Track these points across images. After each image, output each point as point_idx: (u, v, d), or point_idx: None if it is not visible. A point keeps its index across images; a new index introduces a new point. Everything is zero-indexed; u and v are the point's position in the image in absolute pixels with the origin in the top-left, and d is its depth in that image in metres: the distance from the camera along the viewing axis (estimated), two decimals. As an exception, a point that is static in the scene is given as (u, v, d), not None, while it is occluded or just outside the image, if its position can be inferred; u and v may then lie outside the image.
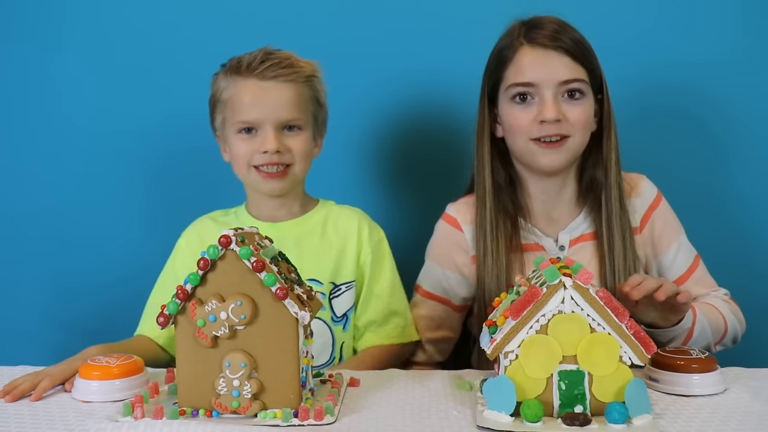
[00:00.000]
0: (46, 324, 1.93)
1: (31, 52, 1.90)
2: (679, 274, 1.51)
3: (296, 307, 1.02)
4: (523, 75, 1.40)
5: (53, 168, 1.92)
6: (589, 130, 1.44)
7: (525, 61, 1.41)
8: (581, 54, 1.40)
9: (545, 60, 1.39)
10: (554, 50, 1.39)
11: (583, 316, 1.01)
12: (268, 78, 1.43)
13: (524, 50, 1.41)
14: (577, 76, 1.39)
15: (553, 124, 1.39)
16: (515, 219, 1.49)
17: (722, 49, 1.83)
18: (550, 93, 1.39)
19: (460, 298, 1.54)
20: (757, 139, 1.86)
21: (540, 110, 1.39)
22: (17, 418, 1.07)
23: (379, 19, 1.86)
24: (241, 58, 1.46)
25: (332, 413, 1.04)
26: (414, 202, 1.91)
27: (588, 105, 1.42)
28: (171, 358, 1.47)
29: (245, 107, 1.43)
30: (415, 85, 1.87)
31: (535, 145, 1.42)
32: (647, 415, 1.00)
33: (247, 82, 1.43)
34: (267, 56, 1.44)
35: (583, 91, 1.40)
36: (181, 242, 1.56)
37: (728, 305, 1.50)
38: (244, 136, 1.45)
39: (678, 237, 1.52)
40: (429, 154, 1.89)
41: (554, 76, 1.39)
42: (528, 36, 1.41)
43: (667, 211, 1.53)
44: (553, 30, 1.40)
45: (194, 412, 1.05)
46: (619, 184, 1.45)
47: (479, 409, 1.04)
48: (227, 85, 1.46)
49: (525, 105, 1.41)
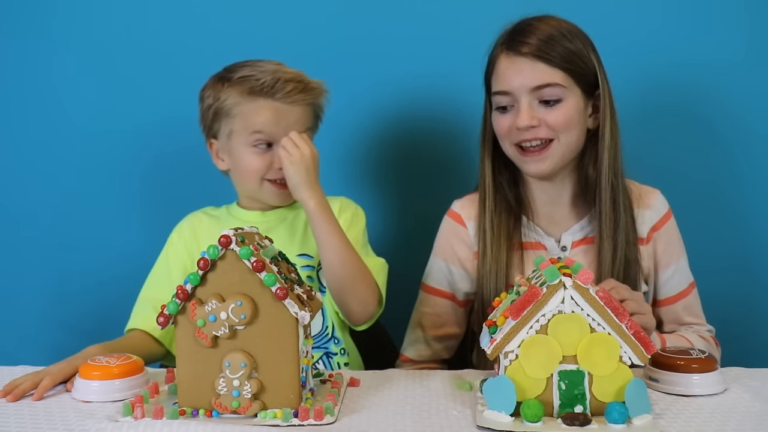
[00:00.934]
0: (45, 324, 1.94)
1: (28, 52, 1.90)
2: (670, 295, 1.52)
3: (296, 307, 1.02)
4: (500, 83, 1.43)
5: (52, 168, 1.92)
6: (576, 130, 1.43)
7: (501, 69, 1.42)
8: (560, 58, 1.39)
9: (517, 67, 1.40)
10: (524, 57, 1.39)
11: (583, 316, 1.01)
12: (288, 102, 1.47)
13: (501, 58, 1.43)
14: (549, 80, 1.39)
15: (528, 130, 1.40)
16: (518, 217, 1.50)
17: (727, 49, 1.83)
18: (525, 100, 1.40)
19: (462, 293, 1.55)
20: (763, 139, 1.86)
21: (514, 119, 1.41)
22: (17, 418, 1.07)
23: (377, 22, 1.87)
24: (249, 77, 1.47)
25: (332, 413, 1.04)
26: (411, 203, 1.92)
27: (568, 107, 1.41)
28: (166, 352, 1.48)
29: (266, 124, 1.46)
30: (414, 87, 1.88)
31: (519, 153, 1.44)
32: (647, 415, 1.00)
33: (267, 103, 1.46)
34: (287, 81, 1.47)
35: (559, 96, 1.40)
36: (173, 236, 1.58)
37: (705, 342, 1.49)
38: (259, 151, 1.48)
39: (678, 259, 1.53)
40: (425, 156, 1.90)
41: (526, 82, 1.39)
42: (507, 43, 1.42)
43: (673, 230, 1.53)
44: (531, 36, 1.39)
45: (194, 412, 1.05)
46: (613, 185, 1.44)
47: (479, 409, 1.04)
48: (241, 100, 1.47)
49: (506, 112, 1.43)
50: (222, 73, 1.52)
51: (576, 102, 1.42)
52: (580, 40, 1.42)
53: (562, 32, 1.41)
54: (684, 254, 1.54)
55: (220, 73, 1.52)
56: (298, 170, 1.42)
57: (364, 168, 1.92)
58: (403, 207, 1.93)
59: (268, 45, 1.85)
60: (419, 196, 1.91)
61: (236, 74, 1.49)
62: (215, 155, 1.55)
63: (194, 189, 1.88)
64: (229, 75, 1.50)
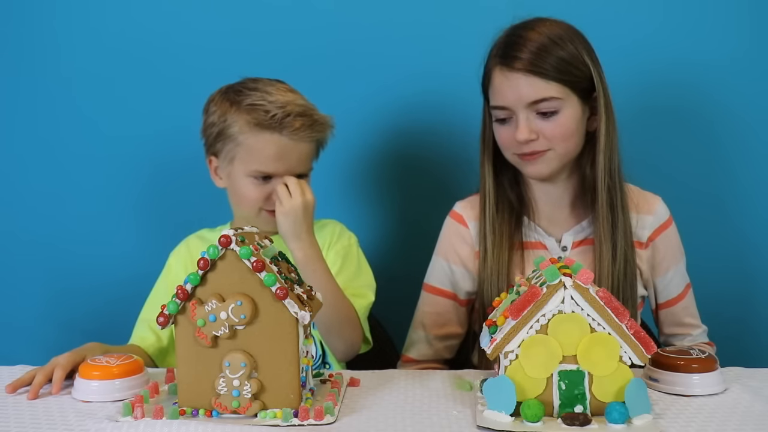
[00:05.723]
0: (45, 324, 1.94)
1: (28, 52, 1.90)
2: (669, 298, 1.55)
3: (296, 307, 1.02)
4: (497, 98, 1.43)
5: (52, 168, 1.92)
6: (574, 138, 1.43)
7: (497, 84, 1.42)
8: (555, 71, 1.38)
9: (513, 83, 1.40)
10: (521, 73, 1.38)
11: (583, 316, 1.01)
12: (294, 139, 1.46)
13: (496, 72, 1.42)
14: (546, 95, 1.39)
15: (527, 143, 1.41)
16: (519, 217, 1.50)
17: (725, 49, 1.83)
18: (523, 114, 1.40)
19: (464, 292, 1.55)
20: (759, 139, 1.86)
21: (514, 131, 1.41)
22: (17, 418, 1.07)
23: (378, 25, 1.87)
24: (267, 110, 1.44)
25: (332, 413, 1.04)
26: (412, 205, 1.92)
27: (566, 117, 1.41)
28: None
29: (269, 160, 1.45)
30: (413, 92, 1.88)
31: (519, 159, 1.45)
32: (647, 415, 1.00)
33: (273, 138, 1.45)
34: (297, 116, 1.45)
35: (556, 108, 1.40)
36: (171, 260, 1.58)
37: None
38: (258, 182, 1.48)
39: (677, 263, 1.54)
40: (426, 158, 1.90)
41: (523, 98, 1.39)
42: (500, 56, 1.42)
43: (674, 236, 1.54)
44: (525, 51, 1.38)
45: (194, 412, 1.05)
46: (609, 187, 1.44)
47: (479, 409, 1.04)
48: (247, 129, 1.45)
49: (506, 123, 1.44)
50: (232, 94, 1.49)
51: (573, 111, 1.42)
52: (574, 44, 1.41)
53: (554, 40, 1.39)
54: (683, 258, 1.56)
55: (230, 92, 1.49)
56: (286, 221, 1.41)
57: (365, 170, 1.92)
58: (403, 209, 1.93)
59: (269, 47, 1.86)
60: (420, 197, 1.91)
61: (246, 99, 1.46)
62: (213, 172, 1.54)
63: (194, 191, 1.88)
64: (238, 98, 1.47)
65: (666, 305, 1.55)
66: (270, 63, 1.77)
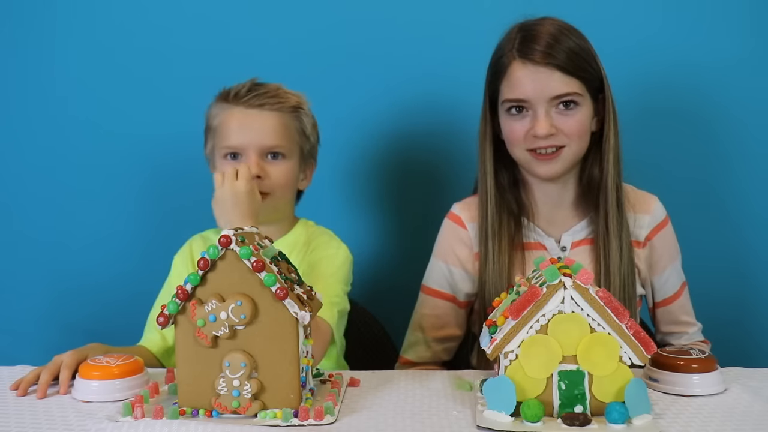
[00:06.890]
0: (45, 324, 1.94)
1: (29, 52, 1.90)
2: (666, 296, 1.55)
3: (296, 307, 1.02)
4: (516, 91, 1.41)
5: (52, 168, 1.92)
6: (587, 137, 1.45)
7: (517, 77, 1.40)
8: (575, 66, 1.39)
9: (536, 77, 1.39)
10: (545, 66, 1.38)
11: (583, 316, 1.01)
12: (254, 106, 1.46)
13: (516, 65, 1.41)
14: (569, 90, 1.39)
15: (546, 138, 1.40)
16: (518, 218, 1.50)
17: (725, 51, 1.83)
18: (543, 109, 1.39)
19: (463, 294, 1.55)
20: (757, 140, 1.86)
21: (532, 125, 1.40)
22: (17, 418, 1.07)
23: (377, 26, 1.87)
24: (231, 88, 1.49)
25: (332, 413, 1.04)
26: (410, 207, 1.92)
27: (582, 114, 1.42)
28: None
29: (231, 133, 1.46)
30: (412, 94, 1.88)
31: (531, 156, 1.44)
32: (647, 415, 1.00)
33: (234, 110, 1.46)
34: (255, 86, 1.48)
35: (577, 102, 1.40)
36: (177, 260, 1.58)
37: None
38: (229, 162, 1.46)
39: (673, 262, 1.55)
40: (423, 160, 1.90)
41: (546, 92, 1.39)
42: (521, 50, 1.41)
43: (671, 236, 1.55)
44: (546, 44, 1.39)
45: (194, 412, 1.05)
46: (617, 186, 1.45)
47: (479, 409, 1.04)
48: (217, 112, 1.49)
49: (520, 117, 1.42)
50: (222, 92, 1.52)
51: (587, 109, 1.43)
52: (584, 41, 1.43)
53: (572, 38, 1.40)
54: (679, 256, 1.56)
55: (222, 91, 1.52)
56: (216, 208, 1.37)
57: (365, 172, 1.92)
58: (401, 211, 1.93)
59: (270, 50, 1.87)
60: (417, 200, 1.91)
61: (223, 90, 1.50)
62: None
63: (195, 192, 1.86)
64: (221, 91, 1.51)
65: (663, 304, 1.55)
66: (270, 65, 1.78)
